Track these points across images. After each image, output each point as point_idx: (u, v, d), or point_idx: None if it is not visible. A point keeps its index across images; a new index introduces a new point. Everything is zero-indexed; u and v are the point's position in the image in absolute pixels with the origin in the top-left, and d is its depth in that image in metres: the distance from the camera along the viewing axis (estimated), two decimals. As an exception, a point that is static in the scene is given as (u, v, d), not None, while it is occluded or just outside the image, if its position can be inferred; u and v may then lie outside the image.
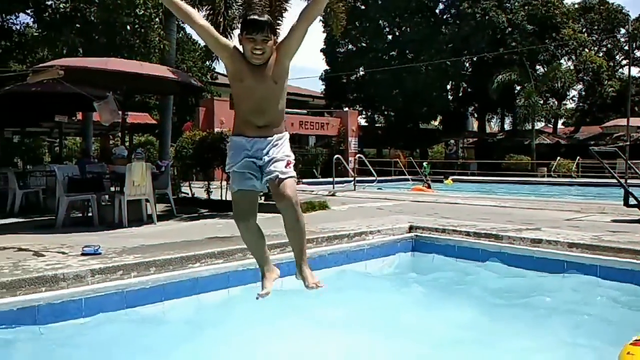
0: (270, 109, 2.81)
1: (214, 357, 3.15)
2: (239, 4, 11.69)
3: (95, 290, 3.84)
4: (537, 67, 30.62)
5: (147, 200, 7.46)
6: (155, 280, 4.13)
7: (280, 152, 2.82)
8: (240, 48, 2.75)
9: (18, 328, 3.49)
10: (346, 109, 29.57)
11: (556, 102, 32.48)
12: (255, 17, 2.71)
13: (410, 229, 6.42)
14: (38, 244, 5.35)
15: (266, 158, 2.78)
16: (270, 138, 2.82)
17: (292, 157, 2.90)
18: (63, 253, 4.77)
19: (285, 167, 2.78)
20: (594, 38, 32.63)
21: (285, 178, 2.73)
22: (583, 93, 33.75)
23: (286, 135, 2.93)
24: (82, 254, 4.56)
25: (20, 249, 5.05)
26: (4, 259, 4.47)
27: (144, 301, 4.01)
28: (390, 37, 33.04)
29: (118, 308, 3.87)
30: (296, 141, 26.31)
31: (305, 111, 28.39)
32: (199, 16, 2.87)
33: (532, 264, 5.19)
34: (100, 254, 4.57)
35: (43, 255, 4.66)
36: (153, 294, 4.06)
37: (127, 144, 10.30)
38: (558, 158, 24.91)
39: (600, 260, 4.83)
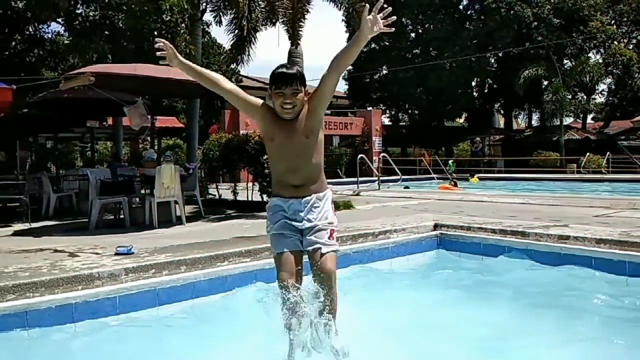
0: (303, 166, 2.68)
1: (243, 353, 3.24)
2: (261, 7, 11.87)
3: (129, 288, 4.00)
4: (565, 61, 30.03)
5: (176, 202, 7.64)
6: (185, 279, 4.26)
7: (322, 218, 2.67)
8: (271, 104, 2.67)
9: (57, 325, 3.66)
10: (370, 108, 29.55)
11: (585, 97, 31.78)
12: (283, 70, 2.63)
13: (435, 227, 6.42)
14: (73, 245, 5.55)
15: (307, 224, 2.66)
16: (307, 198, 2.69)
17: (336, 222, 2.74)
18: (97, 253, 4.94)
19: (329, 238, 2.64)
20: (623, 30, 31.78)
21: (328, 252, 2.61)
22: (613, 87, 32.95)
23: (328, 195, 2.77)
24: (116, 254, 4.73)
25: (56, 250, 5.25)
26: (41, 260, 4.65)
27: (175, 298, 4.15)
28: (413, 34, 32.87)
29: (151, 305, 4.02)
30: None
31: (328, 111, 28.48)
32: (225, 81, 2.82)
33: (559, 260, 5.14)
34: (133, 253, 4.73)
35: (78, 256, 4.84)
36: (184, 292, 4.20)
37: (155, 147, 10.55)
38: (587, 154, 24.36)
39: (629, 256, 4.76)
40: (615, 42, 30.28)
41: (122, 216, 7.93)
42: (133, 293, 3.98)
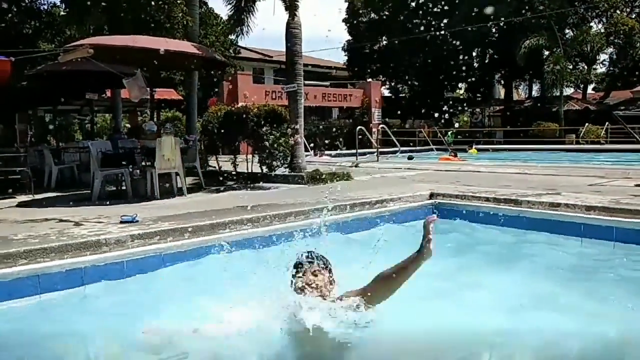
0: None
1: (241, 307, 3.38)
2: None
3: (135, 254, 4.18)
4: (566, 31, 29.69)
5: (177, 174, 7.76)
6: (189, 244, 4.45)
7: None
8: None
9: (67, 288, 3.83)
10: (369, 79, 29.39)
11: (585, 67, 31.56)
12: (302, 259, 2.67)
13: (431, 196, 6.57)
14: (77, 215, 5.70)
15: None
16: None
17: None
18: (102, 222, 5.09)
19: None
20: (626, -1, 31.35)
21: None
22: (614, 57, 32.65)
23: None
24: (121, 222, 4.88)
25: (61, 220, 5.39)
26: (48, 229, 4.81)
27: (180, 262, 4.34)
28: (413, 4, 32.37)
29: (156, 268, 4.21)
30: (319, 113, 26.40)
31: (327, 83, 28.34)
32: None
33: (550, 227, 5.29)
34: (137, 221, 4.88)
35: (84, 225, 5.00)
36: (188, 256, 4.39)
37: (155, 119, 10.61)
38: (587, 124, 24.39)
39: (617, 222, 4.91)
40: (618, 11, 29.88)
41: (123, 187, 8.07)
42: (139, 258, 4.16)
